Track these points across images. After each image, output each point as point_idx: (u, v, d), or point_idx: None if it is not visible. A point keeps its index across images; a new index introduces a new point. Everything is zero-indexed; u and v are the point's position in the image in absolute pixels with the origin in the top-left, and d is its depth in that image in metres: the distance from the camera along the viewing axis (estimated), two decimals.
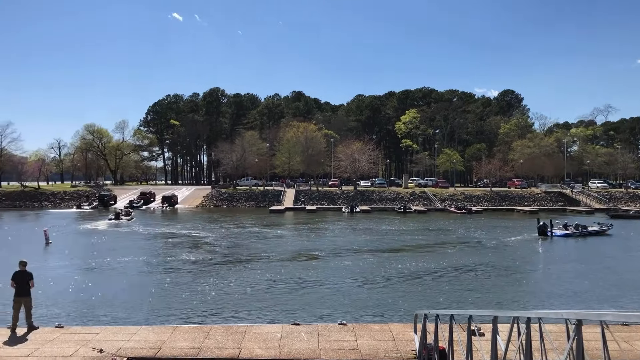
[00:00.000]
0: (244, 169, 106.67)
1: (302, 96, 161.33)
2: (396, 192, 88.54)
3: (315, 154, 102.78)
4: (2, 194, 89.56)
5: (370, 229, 48.69)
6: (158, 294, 21.11)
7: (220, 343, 12.72)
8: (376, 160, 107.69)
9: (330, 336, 13.26)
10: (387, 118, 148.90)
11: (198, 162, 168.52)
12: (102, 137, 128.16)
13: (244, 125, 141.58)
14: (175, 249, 34.81)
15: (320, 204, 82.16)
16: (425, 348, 10.95)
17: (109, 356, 11.75)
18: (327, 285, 22.48)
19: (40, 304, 17.50)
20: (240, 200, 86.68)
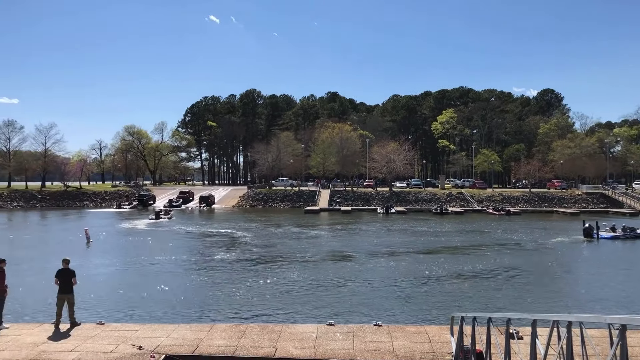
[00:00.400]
0: (279, 170, 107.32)
1: (337, 97, 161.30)
2: (432, 193, 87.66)
3: (350, 155, 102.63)
4: (46, 194, 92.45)
5: (406, 230, 48.33)
6: (195, 292, 21.42)
7: (256, 342, 12.83)
8: (412, 161, 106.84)
9: (366, 337, 13.22)
10: (424, 118, 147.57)
11: (234, 162, 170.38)
12: (141, 138, 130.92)
13: (279, 126, 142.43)
14: (212, 248, 35.28)
15: (355, 204, 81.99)
16: (462, 351, 10.81)
17: (148, 353, 11.99)
18: (362, 286, 22.42)
19: (82, 301, 17.96)
20: (275, 201, 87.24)
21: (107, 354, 11.95)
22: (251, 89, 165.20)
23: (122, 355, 11.90)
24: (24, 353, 12.01)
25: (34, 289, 20.53)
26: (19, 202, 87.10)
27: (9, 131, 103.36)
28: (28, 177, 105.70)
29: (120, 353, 12.03)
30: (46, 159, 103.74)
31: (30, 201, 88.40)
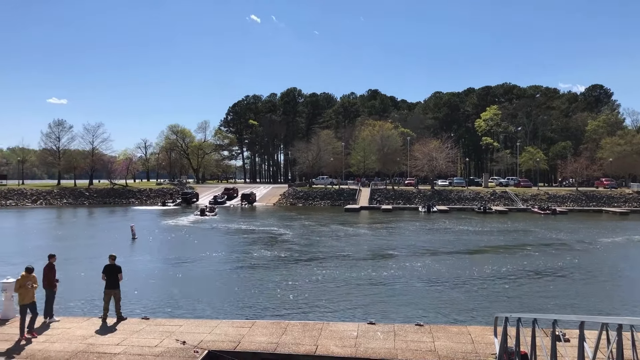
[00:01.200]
0: (320, 168, 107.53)
1: (378, 94, 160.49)
2: (476, 191, 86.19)
3: (391, 153, 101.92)
4: (94, 191, 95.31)
5: (448, 229, 47.70)
6: (237, 289, 21.68)
7: (297, 339, 12.89)
8: (454, 159, 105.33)
9: (407, 337, 13.11)
10: (466, 115, 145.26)
11: (275, 161, 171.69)
12: (185, 137, 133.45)
13: (319, 124, 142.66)
14: (253, 246, 35.65)
15: (396, 203, 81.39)
16: (505, 352, 10.59)
17: (191, 348, 12.20)
18: (402, 285, 22.25)
19: (128, 296, 18.42)
20: (315, 199, 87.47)
21: (152, 348, 12.23)
22: (292, 88, 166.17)
23: (166, 349, 12.15)
24: (73, 345, 12.42)
25: (83, 283, 21.18)
26: (68, 200, 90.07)
27: (58, 131, 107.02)
28: (77, 175, 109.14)
29: (165, 347, 12.29)
30: (94, 158, 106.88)
31: (79, 198, 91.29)
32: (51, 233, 45.96)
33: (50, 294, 14.63)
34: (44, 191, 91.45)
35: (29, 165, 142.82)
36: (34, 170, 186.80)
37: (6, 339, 12.96)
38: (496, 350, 11.56)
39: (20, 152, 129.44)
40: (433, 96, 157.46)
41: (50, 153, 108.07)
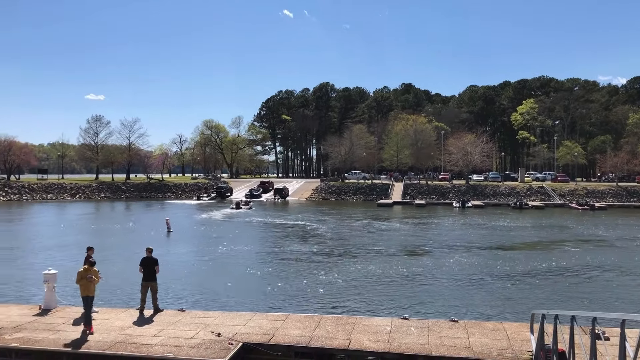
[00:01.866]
0: (352, 163, 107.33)
1: (412, 88, 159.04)
2: (511, 186, 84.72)
3: (424, 147, 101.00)
4: (131, 186, 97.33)
5: (483, 224, 47.05)
6: (270, 282, 21.84)
7: (331, 333, 12.93)
8: (490, 153, 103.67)
9: (441, 332, 13.01)
10: (502, 109, 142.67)
11: (307, 155, 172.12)
12: (219, 132, 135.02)
13: (352, 119, 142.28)
14: (286, 240, 35.86)
15: (430, 198, 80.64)
16: (542, 350, 10.41)
17: (226, 340, 12.36)
18: (436, 281, 22.06)
19: (165, 288, 18.75)
20: (348, 194, 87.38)
21: (188, 340, 12.44)
22: (324, 83, 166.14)
23: (202, 341, 12.34)
24: (112, 336, 12.72)
25: (121, 275, 21.64)
26: (106, 194, 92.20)
27: (96, 126, 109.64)
28: (114, 170, 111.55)
29: (200, 339, 12.48)
30: (130, 153, 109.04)
31: (116, 192, 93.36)
32: (90, 226, 47.14)
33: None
34: (83, 185, 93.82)
35: (68, 160, 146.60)
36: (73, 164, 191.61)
37: (49, 329, 13.37)
38: (532, 347, 11.37)
39: (60, 147, 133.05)
40: (468, 90, 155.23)
41: (88, 148, 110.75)
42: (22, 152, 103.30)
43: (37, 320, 14.20)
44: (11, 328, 13.34)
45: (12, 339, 12.54)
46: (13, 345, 12.15)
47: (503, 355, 11.42)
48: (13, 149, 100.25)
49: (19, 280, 22.09)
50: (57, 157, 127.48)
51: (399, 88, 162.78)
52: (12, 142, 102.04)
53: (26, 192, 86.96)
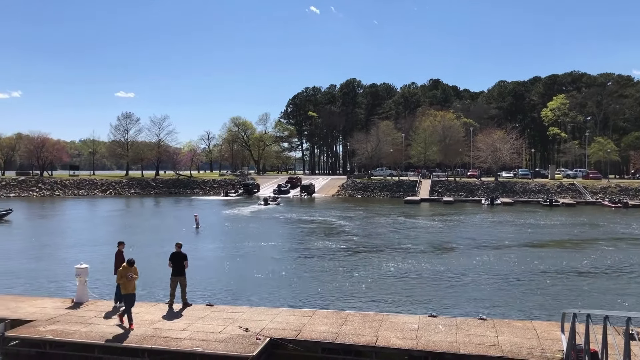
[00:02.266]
0: (379, 159, 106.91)
1: (440, 84, 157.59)
2: (541, 183, 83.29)
3: (452, 144, 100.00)
4: (160, 182, 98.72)
5: (512, 222, 46.38)
6: (296, 278, 21.93)
7: (358, 330, 12.91)
8: (519, 150, 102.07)
9: (469, 330, 12.88)
10: (532, 105, 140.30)
11: (334, 152, 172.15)
12: (246, 129, 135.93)
13: (379, 115, 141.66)
14: (313, 236, 35.92)
15: (458, 195, 79.85)
16: (574, 349, 10.22)
17: (254, 335, 12.45)
18: (464, 279, 21.84)
19: (193, 283, 18.97)
20: (374, 190, 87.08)
21: (216, 334, 12.56)
22: (351, 79, 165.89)
23: (230, 336, 12.46)
24: (142, 329, 12.93)
25: (150, 270, 21.96)
26: (136, 190, 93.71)
27: (126, 123, 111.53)
28: (144, 166, 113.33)
29: (228, 334, 12.60)
30: (160, 149, 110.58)
31: (146, 188, 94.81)
32: (120, 221, 47.98)
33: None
34: (113, 181, 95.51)
35: (99, 156, 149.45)
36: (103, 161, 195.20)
37: (81, 321, 13.66)
38: (563, 347, 11.19)
39: (91, 144, 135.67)
40: (497, 85, 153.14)
41: (119, 145, 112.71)
42: (54, 148, 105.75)
43: (70, 313, 14.52)
44: (45, 320, 13.67)
45: (46, 330, 12.85)
46: (47, 337, 12.46)
47: (533, 355, 11.25)
48: (46, 145, 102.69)
49: (52, 274, 22.62)
50: (89, 154, 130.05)
51: (427, 84, 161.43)
52: (45, 139, 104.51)
53: (59, 188, 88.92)
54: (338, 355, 12.14)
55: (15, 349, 12.59)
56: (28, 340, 12.55)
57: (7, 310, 14.67)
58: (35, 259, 26.87)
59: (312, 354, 12.26)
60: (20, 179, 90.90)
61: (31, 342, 12.53)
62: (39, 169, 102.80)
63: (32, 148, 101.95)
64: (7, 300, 16.08)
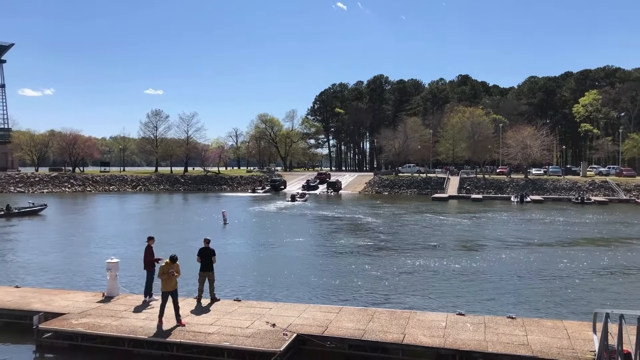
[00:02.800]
0: (406, 156, 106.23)
1: (469, 80, 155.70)
2: (573, 180, 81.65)
3: (481, 140, 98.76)
4: (188, 178, 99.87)
5: (542, 219, 45.62)
6: (323, 274, 21.93)
7: (385, 327, 12.87)
8: (550, 147, 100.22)
9: (498, 329, 12.73)
10: (563, 101, 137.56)
11: (361, 149, 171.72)
12: (273, 126, 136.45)
13: (406, 111, 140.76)
14: (339, 233, 35.91)
15: (487, 192, 78.87)
16: (606, 350, 10.01)
17: (281, 330, 12.52)
18: (492, 277, 21.56)
19: (221, 278, 19.14)
20: (402, 187, 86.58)
21: (244, 329, 12.67)
22: (378, 75, 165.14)
23: (257, 331, 12.55)
24: (171, 323, 13.11)
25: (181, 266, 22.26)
26: (165, 186, 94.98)
27: (156, 120, 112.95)
28: (172, 163, 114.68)
29: (256, 329, 12.69)
30: (188, 146, 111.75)
31: (175, 185, 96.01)
32: (150, 217, 48.71)
33: (149, 274, 15.48)
34: (143, 178, 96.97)
35: (129, 153, 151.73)
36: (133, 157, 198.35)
37: (111, 315, 13.92)
38: (595, 347, 10.96)
39: (122, 141, 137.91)
40: (527, 81, 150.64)
41: (148, 141, 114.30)
42: (86, 145, 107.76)
43: (101, 306, 14.81)
44: (77, 314, 13.98)
45: (78, 323, 13.14)
46: (79, 330, 12.74)
47: (563, 355, 11.06)
48: (78, 142, 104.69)
49: (83, 269, 23.08)
50: (119, 150, 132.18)
51: (456, 80, 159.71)
52: (76, 136, 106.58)
53: (90, 183, 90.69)
54: (365, 352, 12.14)
55: (49, 340, 12.91)
56: (61, 332, 12.85)
57: (41, 303, 15.04)
58: (67, 253, 27.46)
59: (338, 350, 12.27)
60: (53, 175, 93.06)
61: (64, 335, 12.83)
62: (71, 166, 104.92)
63: (64, 145, 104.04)
64: (41, 293, 16.49)
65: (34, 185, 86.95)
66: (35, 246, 29.61)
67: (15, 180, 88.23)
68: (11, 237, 34.22)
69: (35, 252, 27.63)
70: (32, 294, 16.33)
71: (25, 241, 31.86)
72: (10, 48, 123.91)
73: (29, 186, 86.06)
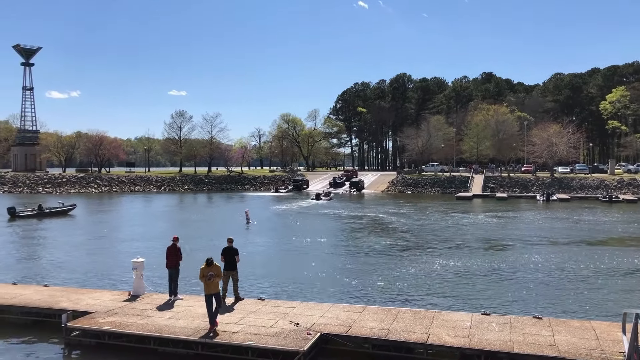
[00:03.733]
0: (429, 155, 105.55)
1: (493, 77, 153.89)
2: (600, 179, 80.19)
3: (506, 138, 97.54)
4: (212, 178, 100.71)
5: (569, 218, 44.87)
6: (345, 273, 21.89)
7: (409, 327, 12.79)
8: (576, 144, 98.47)
9: (524, 329, 12.56)
10: (590, 97, 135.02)
11: (383, 148, 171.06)
12: (296, 126, 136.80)
13: (430, 110, 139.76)
14: (362, 232, 35.83)
15: (512, 191, 77.92)
16: (636, 352, 9.81)
17: (304, 330, 12.53)
18: (517, 277, 21.26)
19: (245, 277, 19.24)
20: (425, 186, 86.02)
21: (268, 329, 12.71)
22: (401, 74, 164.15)
23: (281, 330, 12.58)
24: (195, 322, 13.23)
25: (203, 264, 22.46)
26: (189, 186, 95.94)
27: (180, 121, 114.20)
28: (196, 163, 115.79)
29: (280, 328, 12.72)
30: (212, 146, 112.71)
31: (199, 185, 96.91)
32: (174, 217, 49.25)
33: (174, 272, 15.64)
34: (168, 178, 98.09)
35: (153, 153, 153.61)
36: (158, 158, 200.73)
37: (137, 314, 14.10)
38: (625, 348, 10.75)
39: (146, 142, 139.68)
40: (553, 78, 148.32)
41: (172, 142, 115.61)
42: (111, 146, 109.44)
43: (127, 305, 15.01)
44: (104, 312, 14.19)
45: (105, 322, 13.33)
46: (106, 329, 12.93)
47: (592, 356, 10.86)
48: (104, 143, 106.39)
49: (110, 268, 23.43)
50: (144, 151, 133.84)
51: (479, 77, 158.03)
52: (103, 137, 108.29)
53: (116, 184, 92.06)
54: (389, 351, 12.08)
55: (77, 338, 13.12)
56: (88, 331, 13.06)
57: (69, 302, 15.31)
58: (94, 252, 27.91)
59: (362, 350, 12.24)
60: (79, 175, 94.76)
61: (91, 333, 13.04)
62: (97, 166, 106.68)
63: (90, 146, 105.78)
64: (69, 292, 16.79)
65: (61, 185, 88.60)
66: (63, 246, 30.18)
67: (44, 181, 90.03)
68: (42, 236, 35.03)
69: (63, 251, 28.16)
70: (61, 292, 16.63)
71: (55, 241, 32.53)
72: (38, 51, 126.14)
73: (56, 187, 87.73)
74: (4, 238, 34.27)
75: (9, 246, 30.68)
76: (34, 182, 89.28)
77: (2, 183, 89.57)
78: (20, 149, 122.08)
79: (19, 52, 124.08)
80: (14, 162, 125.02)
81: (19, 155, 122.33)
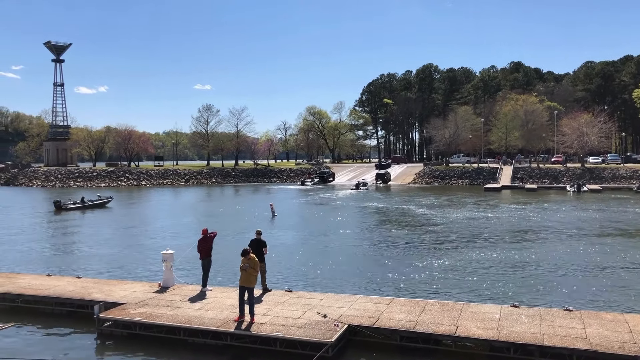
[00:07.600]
0: (457, 146, 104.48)
1: (521, 66, 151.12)
2: (633, 169, 78.28)
3: (535, 128, 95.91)
4: (239, 171, 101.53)
5: (600, 210, 43.98)
6: (373, 265, 21.88)
7: (436, 319, 12.74)
8: (608, 134, 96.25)
9: (554, 322, 12.39)
10: (623, 86, 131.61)
11: (410, 139, 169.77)
12: (321, 118, 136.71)
13: (457, 100, 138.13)
14: (389, 224, 35.72)
15: (542, 182, 76.67)
16: None
17: (332, 321, 12.57)
18: (547, 269, 20.95)
19: (272, 269, 19.38)
20: (452, 178, 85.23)
21: (295, 320, 12.79)
22: (427, 64, 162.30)
23: (308, 321, 12.65)
24: (224, 313, 13.39)
25: (232, 256, 22.65)
26: (216, 179, 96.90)
27: (207, 115, 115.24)
28: (223, 156, 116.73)
29: (307, 320, 12.79)
30: (238, 139, 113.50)
31: (226, 178, 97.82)
32: (202, 209, 49.79)
33: (206, 263, 15.85)
34: (195, 171, 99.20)
35: (181, 147, 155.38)
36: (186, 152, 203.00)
37: (167, 305, 14.33)
38: None
39: (174, 136, 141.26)
40: (584, 66, 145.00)
41: (200, 136, 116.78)
42: (140, 140, 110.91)
43: (157, 297, 15.27)
44: (135, 304, 14.46)
45: (136, 313, 13.59)
46: (137, 320, 13.18)
47: (625, 349, 10.66)
48: (132, 137, 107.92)
49: (140, 260, 23.84)
50: (172, 145, 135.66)
51: (507, 67, 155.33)
52: (131, 132, 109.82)
53: (145, 177, 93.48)
54: (416, 343, 12.05)
55: (109, 329, 13.41)
56: (120, 321, 13.33)
57: (101, 293, 15.65)
58: (125, 244, 28.44)
59: (390, 341, 12.23)
60: (109, 169, 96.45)
61: (123, 324, 13.30)
62: (126, 160, 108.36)
63: (120, 140, 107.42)
64: (101, 284, 17.15)
65: (92, 179, 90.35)
66: (96, 237, 30.90)
67: (75, 175, 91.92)
68: (81, 228, 36.14)
69: (95, 243, 28.78)
70: (93, 284, 17.01)
71: (92, 233, 33.40)
72: (68, 48, 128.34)
73: (87, 181, 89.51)
74: (47, 231, 35.50)
75: (49, 239, 31.71)
76: (66, 176, 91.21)
77: (36, 177, 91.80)
78: (52, 144, 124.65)
79: (49, 48, 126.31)
80: (46, 156, 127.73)
81: (51, 150, 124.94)
